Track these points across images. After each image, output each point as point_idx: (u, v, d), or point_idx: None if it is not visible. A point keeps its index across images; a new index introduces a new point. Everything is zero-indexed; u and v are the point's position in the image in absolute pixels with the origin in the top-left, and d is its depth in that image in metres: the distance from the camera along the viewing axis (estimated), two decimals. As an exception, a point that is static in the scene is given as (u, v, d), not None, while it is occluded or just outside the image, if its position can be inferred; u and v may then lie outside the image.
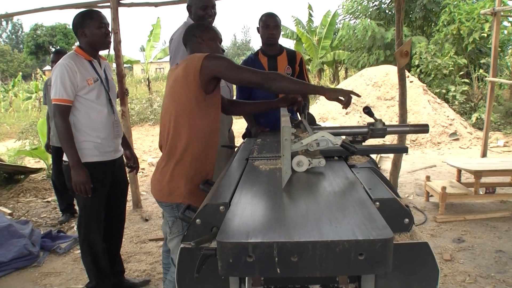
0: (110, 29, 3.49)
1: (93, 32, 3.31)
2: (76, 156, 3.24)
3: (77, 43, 3.48)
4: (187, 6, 3.86)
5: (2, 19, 67.41)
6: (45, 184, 7.76)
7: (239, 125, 10.88)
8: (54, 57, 5.49)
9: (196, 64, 2.60)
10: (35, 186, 7.60)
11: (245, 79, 2.63)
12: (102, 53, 3.59)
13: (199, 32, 2.85)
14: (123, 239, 4.05)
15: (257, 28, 4.14)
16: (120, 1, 5.86)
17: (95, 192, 3.34)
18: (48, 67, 47.41)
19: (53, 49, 42.80)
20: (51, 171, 8.23)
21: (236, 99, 4.20)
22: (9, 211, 6.30)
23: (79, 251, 4.77)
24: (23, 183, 7.76)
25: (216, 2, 3.87)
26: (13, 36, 78.05)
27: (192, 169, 2.68)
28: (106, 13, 3.50)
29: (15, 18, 75.01)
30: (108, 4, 5.81)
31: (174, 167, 2.68)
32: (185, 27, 3.77)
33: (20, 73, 30.89)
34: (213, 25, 3.88)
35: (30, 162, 9.88)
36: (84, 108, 3.31)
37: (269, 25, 4.03)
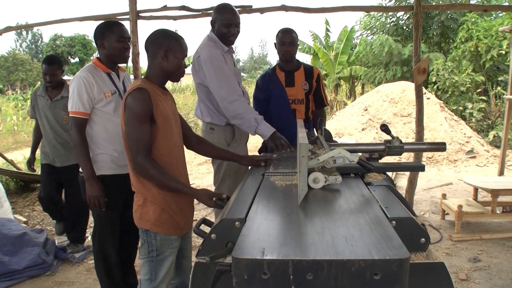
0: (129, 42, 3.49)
1: (112, 45, 3.30)
2: (91, 170, 3.26)
3: (96, 54, 3.49)
4: (211, 21, 3.83)
5: (23, 29, 68.29)
6: (60, 193, 7.81)
7: (256, 138, 10.87)
8: (48, 69, 4.84)
9: (123, 104, 2.59)
10: (50, 195, 7.64)
11: (129, 141, 2.57)
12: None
13: (165, 45, 2.63)
14: (137, 251, 4.05)
15: (274, 43, 4.16)
16: (139, 14, 5.92)
17: (110, 205, 3.34)
18: (66, 77, 47.86)
19: (72, 59, 43.32)
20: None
21: None
22: (24, 219, 6.34)
23: (92, 261, 4.79)
24: (38, 191, 7.81)
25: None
26: (33, 46, 78.96)
27: (160, 196, 2.64)
28: (125, 25, 3.50)
29: (35, 28, 76.02)
30: (128, 16, 5.88)
31: (146, 192, 2.66)
32: (209, 42, 3.78)
33: (39, 83, 31.17)
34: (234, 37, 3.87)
35: (47, 171, 9.93)
36: (101, 121, 3.31)
37: (285, 41, 4.05)
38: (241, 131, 3.83)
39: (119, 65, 3.55)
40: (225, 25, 3.72)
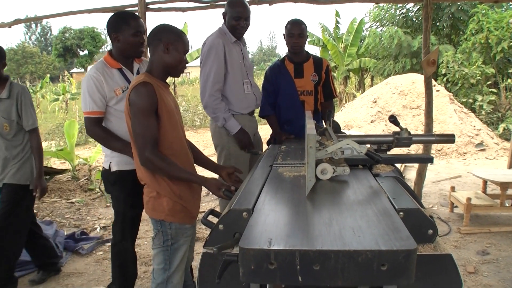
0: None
1: (127, 40, 3.14)
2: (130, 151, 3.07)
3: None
4: (223, 13, 3.96)
5: (32, 22, 68.58)
6: (69, 185, 7.86)
7: (264, 131, 10.87)
8: None
9: (127, 98, 2.62)
10: (59, 187, 7.69)
11: (136, 135, 2.59)
12: None
13: (166, 38, 2.64)
14: (145, 242, 4.04)
15: (283, 35, 4.15)
16: (148, 6, 5.91)
17: (128, 201, 3.31)
18: (75, 69, 48.20)
19: (81, 52, 43.34)
20: (75, 172, 8.33)
21: (261, 103, 4.21)
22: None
23: (101, 252, 4.84)
24: (48, 183, 7.84)
25: (250, 14, 3.93)
26: (42, 39, 79.36)
27: (171, 188, 2.69)
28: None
29: (44, 21, 76.38)
30: (136, 8, 5.87)
31: (157, 186, 2.69)
32: (217, 32, 3.87)
33: (48, 75, 31.39)
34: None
35: (56, 163, 9.99)
36: (115, 119, 3.22)
37: (294, 33, 4.04)
38: (244, 123, 3.97)
39: None
40: (235, 18, 3.83)
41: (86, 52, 44.07)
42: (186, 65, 2.79)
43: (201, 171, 3.23)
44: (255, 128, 4.16)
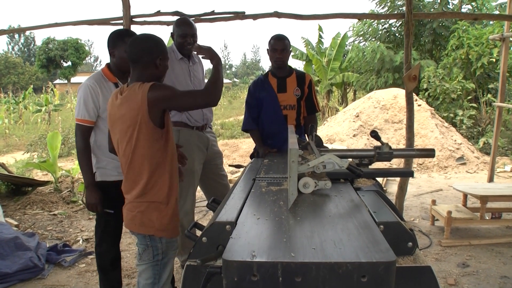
0: None
1: (121, 56, 3.24)
2: (91, 178, 3.28)
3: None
4: (171, 33, 4.11)
5: (15, 33, 68.09)
6: (52, 197, 7.78)
7: (247, 144, 10.91)
8: None
9: (142, 103, 2.49)
10: (42, 199, 7.62)
11: (190, 104, 2.64)
12: None
13: (159, 52, 2.63)
14: (128, 254, 4.04)
15: (267, 50, 4.19)
16: (133, 19, 5.93)
17: (110, 209, 3.36)
18: (59, 81, 47.85)
19: (64, 63, 42.92)
20: (58, 184, 8.29)
21: (244, 117, 4.27)
22: (16, 223, 6.33)
23: (84, 264, 4.81)
24: (30, 195, 7.79)
25: (197, 32, 4.07)
26: (25, 49, 78.73)
27: (163, 203, 2.65)
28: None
29: (27, 32, 75.83)
30: (121, 21, 5.89)
31: (148, 202, 2.64)
32: (171, 52, 3.95)
33: (31, 86, 31.17)
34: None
35: (38, 175, 9.92)
36: (106, 130, 3.23)
37: (277, 48, 4.09)
38: (189, 137, 4.06)
39: None
40: (181, 36, 4.00)
41: (69, 63, 43.84)
42: None
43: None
44: (206, 142, 4.22)
